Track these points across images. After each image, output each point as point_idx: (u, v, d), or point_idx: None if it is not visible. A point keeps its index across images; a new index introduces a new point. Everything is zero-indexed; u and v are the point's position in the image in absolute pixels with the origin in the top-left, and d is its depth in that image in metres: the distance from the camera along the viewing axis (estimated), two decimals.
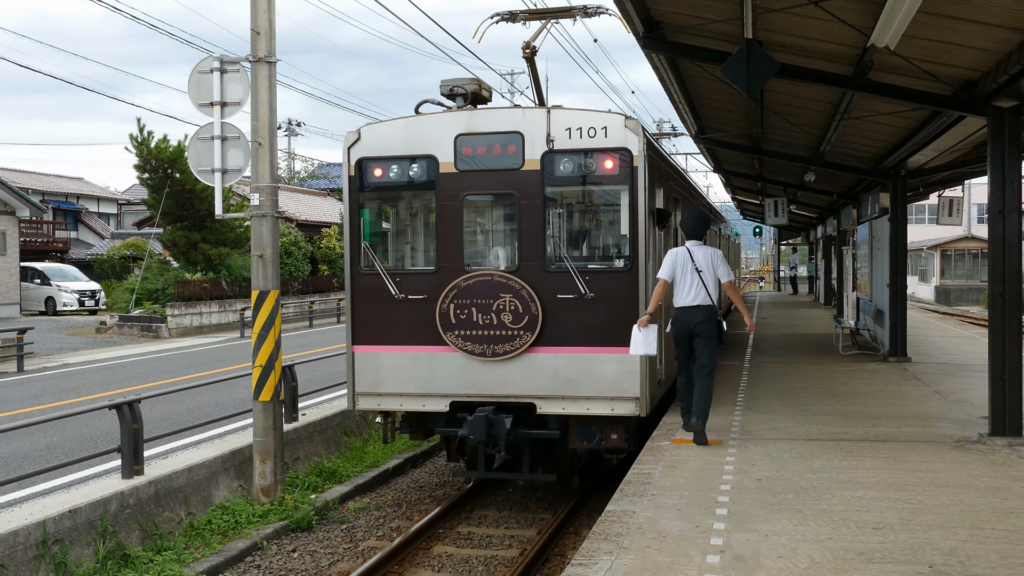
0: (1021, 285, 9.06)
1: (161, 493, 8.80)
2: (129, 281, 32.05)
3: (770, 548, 5.79)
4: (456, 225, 9.34)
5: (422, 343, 9.35)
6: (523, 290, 9.05)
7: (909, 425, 9.69)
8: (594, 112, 9.19)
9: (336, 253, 39.43)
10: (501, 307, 9.11)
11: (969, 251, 51.65)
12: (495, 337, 9.12)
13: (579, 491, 10.24)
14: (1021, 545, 5.78)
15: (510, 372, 9.12)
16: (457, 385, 9.27)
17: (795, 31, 9.21)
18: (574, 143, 9.03)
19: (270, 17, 9.64)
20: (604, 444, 9.19)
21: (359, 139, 9.57)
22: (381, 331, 9.52)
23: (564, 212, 9.75)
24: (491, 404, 9.07)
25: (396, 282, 9.44)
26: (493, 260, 9.60)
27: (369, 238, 9.83)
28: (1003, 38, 7.90)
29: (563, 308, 9.04)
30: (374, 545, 8.88)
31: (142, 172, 29.72)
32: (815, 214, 32.82)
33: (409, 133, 9.49)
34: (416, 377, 9.41)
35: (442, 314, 9.20)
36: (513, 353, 9.08)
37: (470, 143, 9.26)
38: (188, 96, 9.91)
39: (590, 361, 9.03)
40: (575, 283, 9.01)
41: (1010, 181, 8.79)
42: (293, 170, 59.82)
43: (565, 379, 9.04)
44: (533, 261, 9.15)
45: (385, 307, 9.47)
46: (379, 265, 9.57)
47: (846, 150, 15.56)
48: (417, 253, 10.14)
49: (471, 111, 9.56)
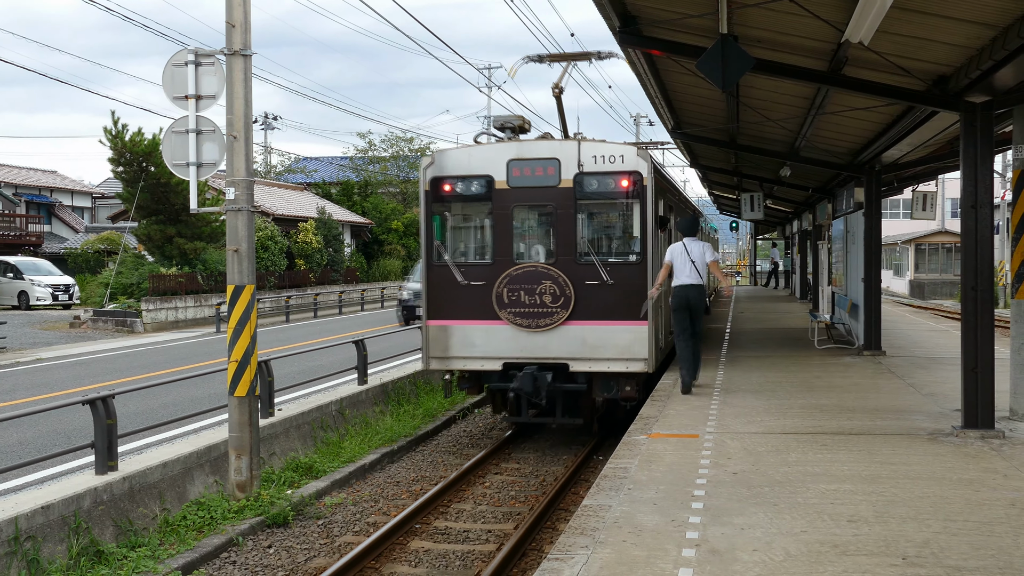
0: (993, 279, 9.14)
1: (135, 489, 8.74)
2: (104, 275, 31.81)
3: (745, 541, 5.82)
4: (507, 228, 12.04)
5: (481, 318, 11.97)
6: (559, 277, 11.74)
7: (883, 418, 9.76)
8: (614, 144, 12.06)
9: (313, 248, 39.26)
10: (542, 290, 11.80)
11: (943, 245, 52.08)
12: (538, 313, 11.80)
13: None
14: (993, 536, 5.83)
15: (549, 340, 11.80)
16: (508, 350, 11.92)
17: (770, 26, 9.24)
18: (599, 167, 11.78)
19: (245, 10, 9.57)
20: (620, 394, 11.84)
21: (433, 162, 12.28)
22: (449, 309, 12.15)
23: (590, 218, 12.34)
24: (535, 364, 11.71)
25: (461, 272, 12.10)
26: (536, 255, 12.22)
27: (440, 238, 12.40)
28: (975, 34, 7.95)
29: (589, 291, 11.73)
30: (351, 540, 8.85)
31: (116, 165, 29.49)
32: (791, 209, 32.99)
33: (471, 158, 12.19)
34: (476, 344, 12.04)
35: (497, 296, 11.85)
36: (552, 325, 11.76)
37: (519, 166, 11.97)
38: (162, 89, 9.83)
39: (610, 331, 11.71)
40: (599, 272, 11.76)
41: (982, 176, 8.86)
42: (270, 164, 59.51)
43: (591, 345, 11.71)
44: (567, 256, 11.86)
45: (452, 291, 12.11)
46: (448, 258, 12.24)
47: (821, 145, 15.64)
48: (477, 249, 12.61)
49: (520, 142, 12.35)
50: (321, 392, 13.69)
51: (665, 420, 9.87)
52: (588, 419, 12.36)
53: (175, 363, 18.92)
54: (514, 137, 12.54)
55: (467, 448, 12.85)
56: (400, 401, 14.62)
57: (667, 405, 10.75)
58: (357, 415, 13.27)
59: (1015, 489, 6.93)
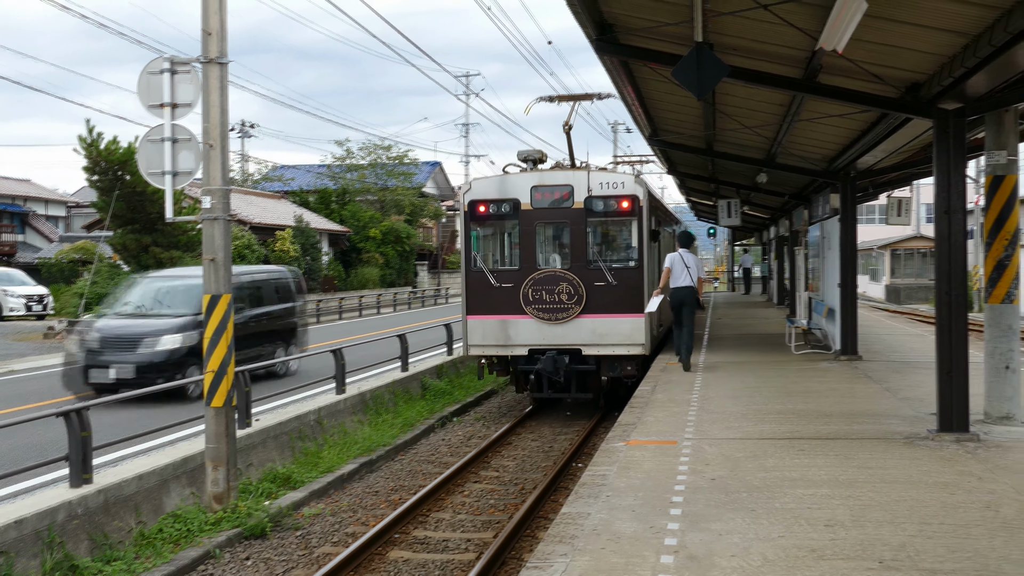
0: (966, 284, 9.22)
1: (111, 502, 8.66)
2: (78, 285, 31.52)
3: (723, 547, 5.83)
4: (531, 241, 14.76)
5: (510, 313, 14.60)
6: (573, 280, 14.43)
7: (860, 423, 9.82)
8: (616, 173, 15.57)
9: (290, 256, 39.10)
10: (560, 290, 14.45)
11: (918, 250, 52.48)
12: (556, 309, 14.44)
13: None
14: (969, 539, 5.88)
15: (566, 330, 14.45)
16: (533, 339, 14.55)
17: (746, 34, 9.30)
18: (604, 192, 14.56)
19: (222, 18, 9.53)
20: (623, 373, 14.59)
21: (470, 188, 15.05)
22: (484, 306, 14.77)
23: (597, 232, 15.00)
24: (554, 350, 14.33)
25: (494, 276, 14.75)
26: (554, 262, 14.92)
27: (476, 249, 14.98)
28: (947, 42, 8.03)
29: (598, 291, 14.40)
30: (329, 551, 8.81)
31: (91, 174, 29.25)
32: (768, 215, 33.17)
33: (501, 184, 14.98)
34: (507, 334, 14.63)
35: (523, 295, 14.50)
36: (568, 318, 14.43)
37: (540, 191, 14.76)
38: (138, 97, 9.76)
39: (614, 322, 14.38)
40: (605, 275, 14.44)
41: (955, 182, 8.94)
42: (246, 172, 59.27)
43: (599, 333, 14.37)
44: (579, 262, 14.57)
45: (487, 291, 14.71)
46: (484, 265, 14.87)
47: (797, 152, 15.74)
48: (506, 258, 15.42)
49: (540, 172, 15.17)
50: (299, 402, 13.63)
51: (643, 427, 9.89)
52: (596, 394, 15.27)
53: None
54: (534, 167, 15.37)
55: (446, 457, 12.82)
56: (379, 410, 14.57)
57: (645, 412, 10.77)
58: (335, 424, 13.22)
59: (990, 492, 6.99)
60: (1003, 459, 8.04)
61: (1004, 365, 9.36)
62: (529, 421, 15.19)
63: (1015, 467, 7.76)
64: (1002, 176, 9.21)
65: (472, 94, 60.20)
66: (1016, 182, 9.25)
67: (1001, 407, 9.44)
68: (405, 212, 52.93)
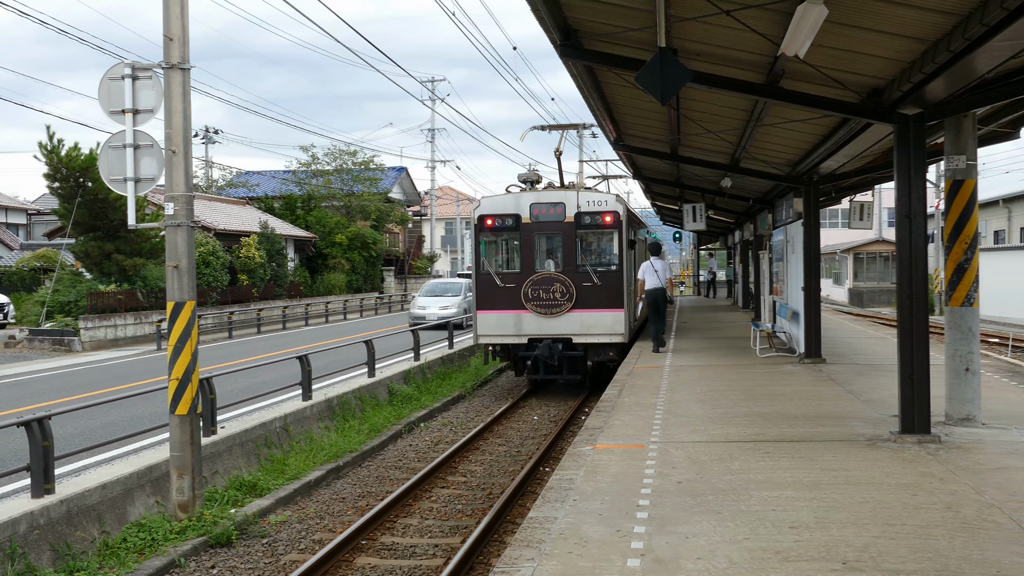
0: (927, 287, 9.34)
1: (74, 512, 8.56)
2: (40, 293, 31.10)
3: (690, 550, 5.86)
4: (531, 249, 17.61)
5: (513, 308, 17.47)
6: (566, 281, 17.30)
7: (824, 425, 9.91)
8: (601, 192, 18.93)
9: (256, 263, 38.83)
10: (555, 290, 17.31)
11: (880, 254, 53.01)
12: (551, 304, 17.33)
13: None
14: (930, 539, 5.95)
15: (559, 322, 17.33)
16: (532, 329, 17.41)
17: (709, 39, 9.37)
18: (591, 208, 17.55)
19: (183, 23, 9.47)
20: (606, 357, 17.50)
21: (479, 205, 18.06)
22: (491, 302, 17.60)
23: (584, 242, 17.89)
24: (549, 339, 17.26)
25: (499, 277, 17.59)
26: (549, 266, 17.67)
27: (484, 255, 17.92)
28: (906, 47, 8.14)
29: (585, 290, 17.28)
30: (296, 559, 8.76)
31: (52, 181, 28.86)
32: (732, 219, 33.41)
33: (505, 202, 17.86)
34: (509, 325, 17.54)
35: (524, 293, 17.36)
36: (561, 312, 17.32)
37: (537, 207, 17.67)
38: (99, 103, 9.67)
39: (599, 316, 17.31)
40: (592, 277, 17.31)
41: (916, 186, 9.05)
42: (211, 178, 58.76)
43: (587, 325, 17.29)
44: (570, 266, 17.45)
45: (493, 290, 17.59)
46: (491, 269, 17.76)
47: (761, 156, 15.87)
48: (510, 263, 18.17)
49: (538, 191, 18.48)
50: (265, 409, 13.54)
51: (610, 430, 9.92)
52: (583, 376, 17.94)
53: (114, 382, 18.59)
54: (532, 187, 18.67)
55: (413, 462, 12.79)
56: (345, 416, 14.51)
57: (612, 415, 10.81)
58: (302, 431, 13.14)
59: (951, 492, 7.08)
60: (964, 460, 8.15)
61: (964, 367, 9.48)
62: (497, 426, 15.20)
63: (975, 468, 7.86)
64: (961, 180, 9.33)
65: (438, 99, 60.11)
66: (975, 186, 9.38)
67: (962, 409, 9.56)
68: (371, 218, 52.71)
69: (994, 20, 6.59)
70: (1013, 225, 48.46)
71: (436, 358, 20.55)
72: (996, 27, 6.63)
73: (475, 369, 21.35)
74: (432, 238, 71.64)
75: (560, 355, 17.22)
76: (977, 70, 7.78)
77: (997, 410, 10.46)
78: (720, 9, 7.67)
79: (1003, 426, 9.58)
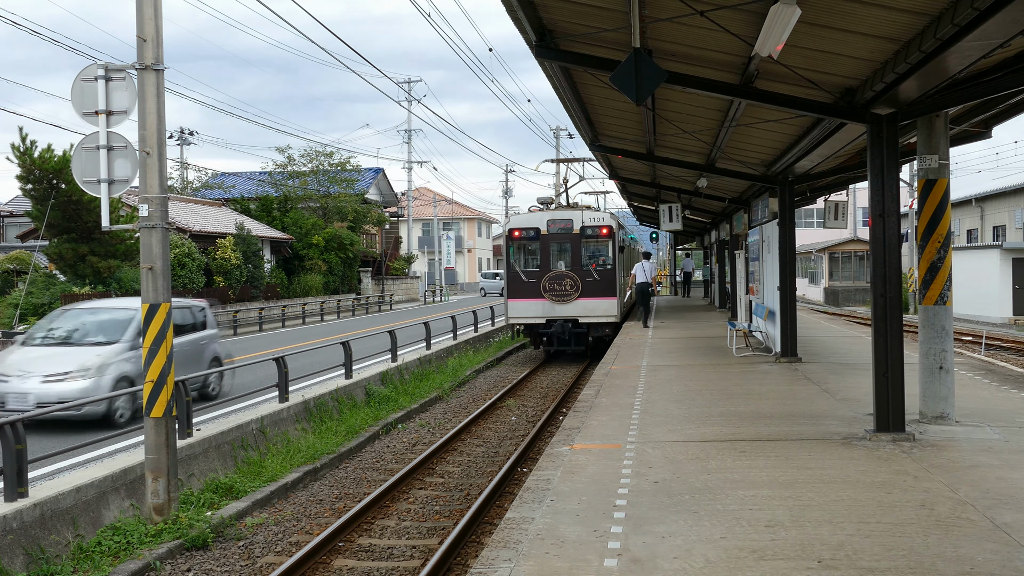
0: (901, 286, 9.40)
1: (47, 515, 8.48)
2: (12, 296, 30.79)
3: (666, 549, 5.88)
4: (547, 253, 23.19)
5: (534, 297, 22.98)
6: (574, 276, 22.88)
7: (799, 424, 9.96)
8: (599, 211, 25.12)
9: (232, 264, 38.63)
10: (565, 283, 22.88)
11: (855, 253, 53.36)
12: (563, 294, 22.85)
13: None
14: (904, 537, 5.99)
15: (569, 307, 22.85)
16: (549, 313, 23.02)
17: (683, 40, 9.40)
18: (592, 223, 23.33)
19: (157, 24, 9.40)
20: (603, 333, 23.28)
21: (510, 220, 24.22)
22: (518, 293, 23.15)
23: (587, 248, 23.36)
24: (561, 319, 22.90)
25: (524, 274, 23.14)
26: (561, 266, 23.21)
27: (513, 258, 23.40)
28: (879, 48, 8.20)
29: (588, 283, 22.88)
30: (272, 561, 8.71)
31: (25, 183, 28.58)
32: (709, 219, 33.54)
33: (529, 219, 23.75)
34: (532, 310, 23.07)
35: (542, 286, 22.86)
36: (570, 300, 22.84)
37: (552, 222, 23.38)
38: (72, 104, 9.59)
39: (598, 302, 22.88)
40: (592, 274, 22.94)
41: (889, 186, 9.12)
42: (186, 180, 58.42)
43: (589, 309, 22.91)
44: (576, 266, 23.04)
45: (519, 284, 23.15)
46: (519, 268, 23.24)
47: (736, 156, 15.94)
48: (532, 263, 23.49)
49: (552, 210, 24.57)
50: (241, 411, 13.46)
51: (588, 431, 9.94)
52: (586, 347, 23.60)
53: None
54: (548, 208, 25.09)
55: (391, 464, 12.76)
56: (323, 418, 14.45)
57: (589, 415, 10.82)
58: (278, 433, 13.08)
59: (925, 491, 7.13)
60: (938, 458, 8.22)
61: (938, 366, 9.56)
62: (474, 426, 15.19)
63: (949, 466, 7.93)
64: (934, 180, 9.41)
65: (414, 100, 60.03)
66: (948, 186, 9.46)
67: (936, 407, 9.64)
68: (348, 219, 52.54)
69: (965, 20, 6.65)
70: (986, 224, 48.94)
71: (413, 359, 20.51)
72: (967, 27, 6.69)
73: (453, 370, 21.33)
74: (409, 239, 71.52)
75: (569, 332, 23.10)
76: (949, 70, 7.85)
77: (970, 408, 10.56)
78: (694, 10, 7.70)
79: (976, 424, 9.67)
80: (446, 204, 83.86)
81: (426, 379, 19.59)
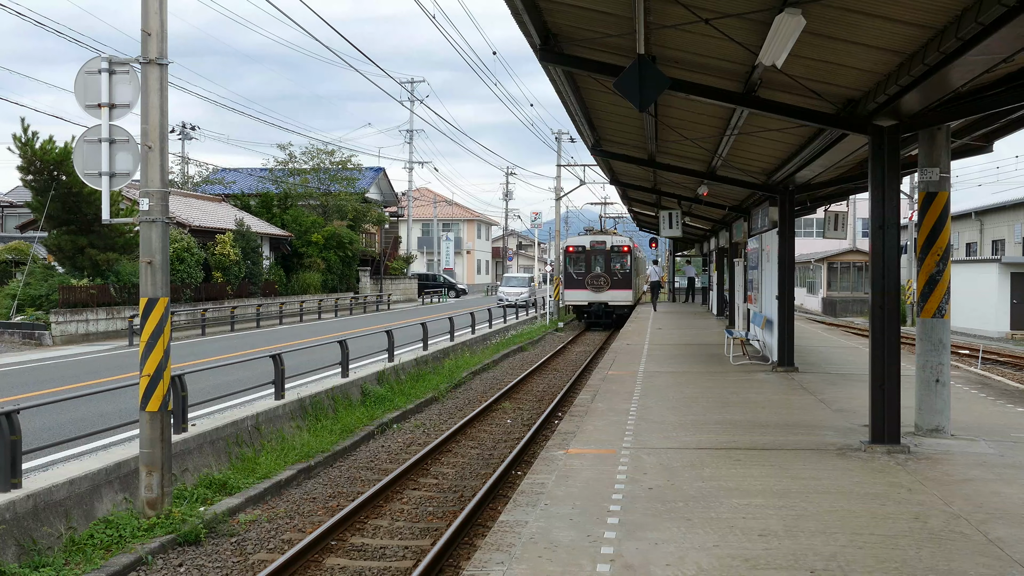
0: (899, 298, 9.41)
1: (40, 507, 8.47)
2: (11, 287, 30.80)
3: (659, 556, 5.88)
4: (590, 262, 38.22)
5: (581, 288, 37.72)
6: (606, 276, 37.61)
7: (795, 434, 9.97)
8: (622, 236, 42.86)
9: (231, 260, 38.62)
10: (601, 281, 37.51)
11: (854, 264, 53.36)
12: (599, 287, 37.50)
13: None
14: (897, 549, 5.99)
15: (603, 295, 37.57)
16: (589, 299, 37.75)
17: (688, 47, 9.41)
18: (617, 243, 38.54)
19: (161, 18, 9.41)
20: (623, 312, 37.69)
21: (566, 240, 42.58)
22: (571, 285, 38.08)
23: (614, 259, 37.86)
24: (598, 303, 37.76)
25: (574, 274, 38.08)
26: (598, 269, 37.85)
27: (568, 265, 38.30)
28: (883, 60, 8.22)
29: (614, 280, 37.74)
30: (265, 558, 8.70)
31: (26, 174, 28.60)
32: (709, 227, 33.57)
33: (579, 240, 39.61)
34: (579, 296, 38.00)
35: (586, 281, 37.63)
36: (604, 291, 37.49)
37: (593, 242, 38.72)
38: (75, 97, 9.59)
39: (620, 292, 37.77)
40: (617, 275, 37.79)
41: (889, 197, 9.13)
42: (187, 175, 58.44)
43: (615, 296, 37.79)
44: (607, 270, 37.81)
45: (571, 281, 38.14)
46: (572, 270, 38.21)
47: (737, 164, 15.95)
48: (580, 268, 37.97)
49: (593, 234, 41.69)
50: (237, 407, 13.46)
51: (583, 435, 9.94)
52: (612, 322, 36.61)
53: (85, 377, 18.43)
54: (590, 232, 41.62)
55: (385, 463, 12.75)
56: (318, 416, 14.44)
57: (585, 420, 10.82)
58: (273, 431, 13.08)
59: (919, 503, 7.14)
60: (932, 471, 8.22)
61: (935, 378, 9.57)
62: (470, 428, 15.18)
63: (943, 479, 7.93)
64: (935, 193, 9.42)
65: (417, 100, 60.04)
66: (948, 199, 9.47)
67: (931, 420, 9.65)
68: (348, 217, 52.55)
69: (969, 34, 6.66)
70: (985, 238, 48.99)
71: (410, 359, 20.50)
72: (971, 41, 6.70)
73: (449, 371, 21.32)
74: (408, 239, 71.52)
75: (603, 310, 37.07)
76: (952, 83, 7.86)
77: (966, 421, 10.57)
78: (699, 18, 7.71)
79: (971, 437, 9.67)
80: (446, 205, 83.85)
81: (422, 380, 19.59)
